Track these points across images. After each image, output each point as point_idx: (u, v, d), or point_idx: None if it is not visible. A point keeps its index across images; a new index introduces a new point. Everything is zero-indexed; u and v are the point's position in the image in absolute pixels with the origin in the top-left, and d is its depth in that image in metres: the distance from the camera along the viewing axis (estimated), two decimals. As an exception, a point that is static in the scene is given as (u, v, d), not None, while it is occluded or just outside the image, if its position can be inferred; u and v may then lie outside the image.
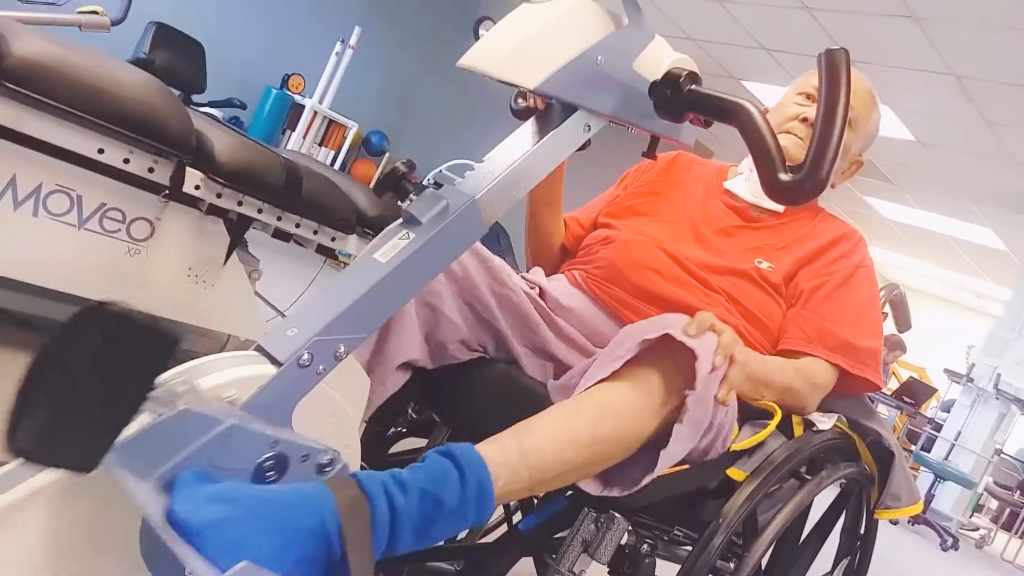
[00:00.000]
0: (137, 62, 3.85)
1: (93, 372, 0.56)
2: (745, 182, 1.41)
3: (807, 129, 1.34)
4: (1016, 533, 6.70)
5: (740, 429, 1.14)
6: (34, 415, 0.56)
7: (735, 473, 1.07)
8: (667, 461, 0.92)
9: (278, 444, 0.69)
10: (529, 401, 1.00)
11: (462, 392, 1.15)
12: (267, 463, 0.69)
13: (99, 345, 0.56)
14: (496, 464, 0.78)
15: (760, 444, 1.11)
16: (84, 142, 1.43)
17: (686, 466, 1.02)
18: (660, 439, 0.93)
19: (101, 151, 1.45)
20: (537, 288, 1.27)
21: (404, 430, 1.46)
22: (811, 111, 1.35)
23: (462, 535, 1.63)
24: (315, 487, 0.69)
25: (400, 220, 0.85)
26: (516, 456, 0.81)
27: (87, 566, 0.64)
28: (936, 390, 7.38)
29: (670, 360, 0.93)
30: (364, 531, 0.68)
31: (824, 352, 1.24)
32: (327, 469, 0.72)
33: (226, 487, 0.64)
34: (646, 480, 0.92)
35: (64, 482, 0.64)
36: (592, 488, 0.93)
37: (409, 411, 1.45)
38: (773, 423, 1.12)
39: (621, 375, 0.93)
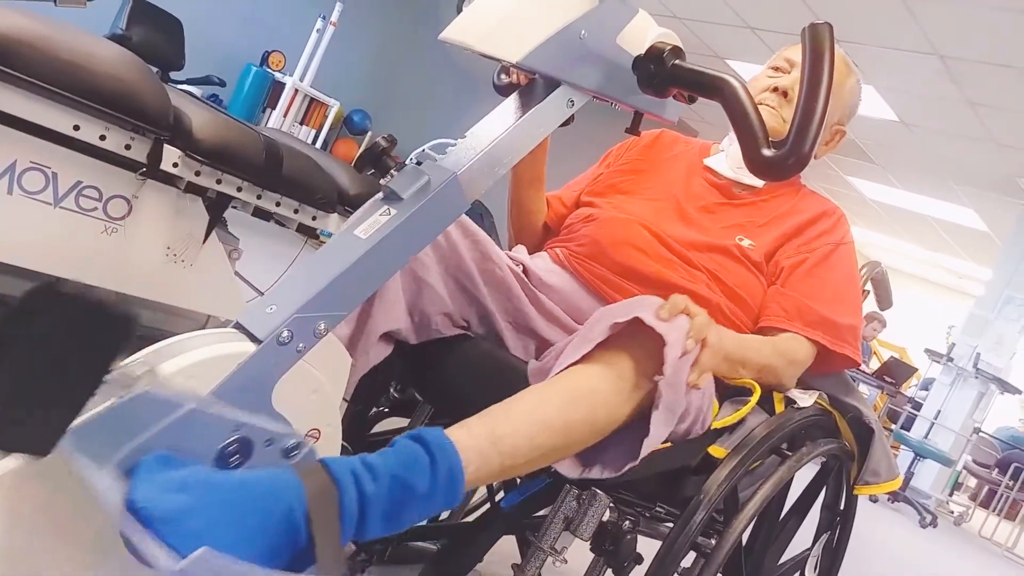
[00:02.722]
0: (114, 38, 3.79)
1: (47, 353, 0.54)
2: (725, 158, 1.41)
3: (778, 98, 1.34)
4: (994, 511, 6.80)
5: (720, 407, 1.15)
6: None
7: (716, 451, 1.08)
8: (648, 447, 0.92)
9: (241, 428, 0.68)
10: (511, 380, 1.00)
11: (445, 371, 1.14)
12: (230, 448, 0.68)
13: (52, 326, 0.54)
14: (467, 449, 0.78)
15: (740, 421, 1.11)
16: (59, 118, 1.40)
17: (668, 444, 1.02)
18: (635, 421, 0.93)
19: (77, 128, 1.42)
20: (521, 265, 1.27)
21: (386, 409, 1.45)
22: (782, 80, 1.35)
23: (444, 514, 1.63)
24: (282, 473, 0.68)
25: (381, 196, 0.84)
26: (487, 441, 0.80)
27: (46, 554, 0.62)
28: (916, 370, 7.46)
29: (640, 344, 0.92)
30: (332, 517, 0.67)
31: (802, 328, 1.24)
32: (293, 453, 0.72)
33: (188, 473, 0.63)
34: (627, 467, 0.92)
35: (21, 467, 0.62)
36: (571, 471, 0.93)
37: (391, 390, 1.44)
38: (753, 400, 1.13)
39: (593, 358, 0.92)
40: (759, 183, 1.37)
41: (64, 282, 0.54)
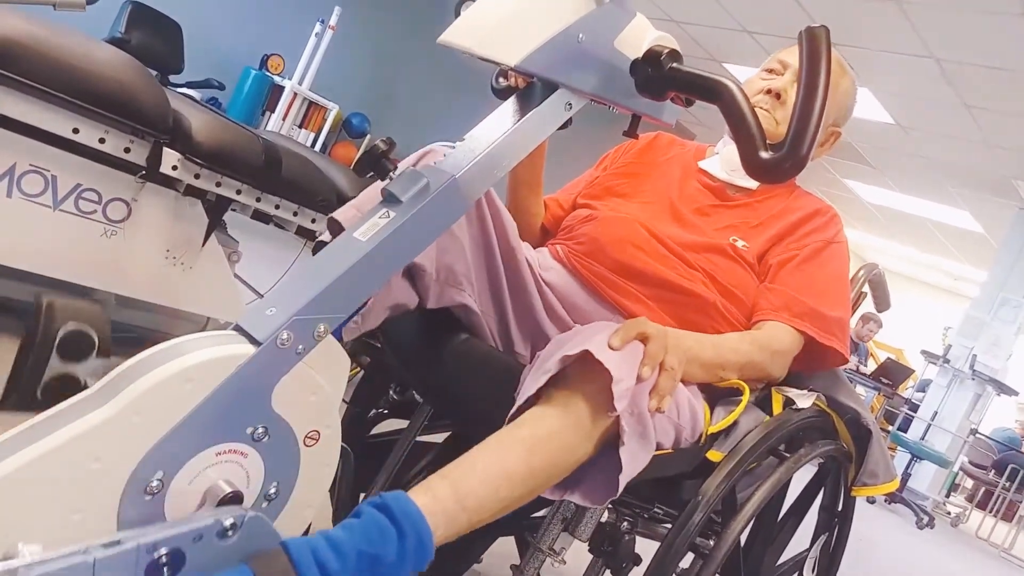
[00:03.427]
0: (113, 41, 3.79)
1: None
2: (719, 161, 1.41)
3: (771, 100, 1.35)
4: (990, 512, 6.81)
5: (712, 411, 1.15)
6: None
7: (713, 455, 1.08)
8: (625, 479, 0.90)
9: (157, 546, 0.65)
10: (509, 381, 1.00)
11: (444, 372, 1.14)
12: (159, 565, 0.65)
13: None
14: (433, 514, 0.77)
15: (734, 423, 1.11)
16: (59, 122, 1.41)
17: (665, 451, 1.02)
18: (611, 450, 0.91)
19: (76, 131, 1.43)
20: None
21: (385, 411, 1.46)
22: (775, 83, 1.36)
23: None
24: (232, 575, 0.66)
25: (380, 199, 0.84)
26: (451, 502, 0.79)
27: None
28: (913, 371, 7.48)
29: (593, 378, 0.89)
30: None
31: (789, 319, 1.24)
32: (229, 533, 0.69)
33: None
34: (607, 501, 0.91)
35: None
36: (553, 494, 0.91)
37: (391, 392, 1.45)
38: (743, 401, 1.13)
39: (551, 397, 0.90)
40: (753, 185, 1.38)
41: None
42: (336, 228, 1.06)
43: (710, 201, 1.38)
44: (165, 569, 0.65)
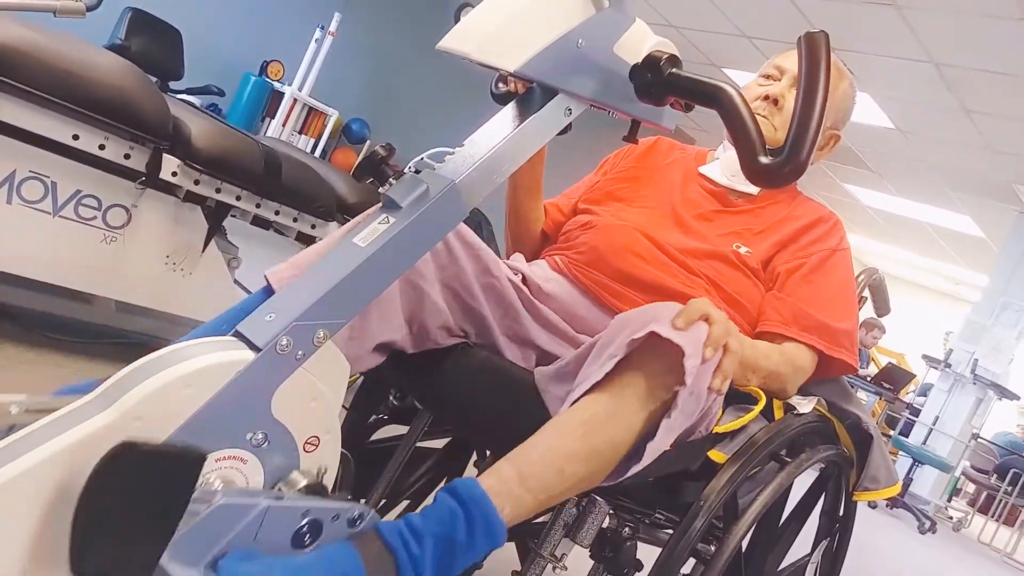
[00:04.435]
0: (113, 48, 3.80)
1: (135, 501, 0.64)
2: (719, 166, 1.41)
3: (769, 106, 1.35)
4: (992, 516, 6.80)
5: (724, 412, 1.15)
6: (91, 546, 0.63)
7: (716, 455, 1.08)
8: (654, 452, 0.92)
9: (309, 512, 0.74)
10: (510, 387, 1.00)
11: (444, 378, 1.14)
12: (303, 531, 0.74)
13: (135, 480, 0.63)
14: (498, 495, 0.82)
15: (742, 428, 1.11)
16: (59, 128, 1.41)
17: (669, 448, 1.02)
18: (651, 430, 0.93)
19: (76, 137, 1.43)
20: (520, 275, 1.27)
21: (385, 417, 1.45)
22: (772, 88, 1.37)
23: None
24: (340, 547, 0.74)
25: (380, 204, 0.84)
26: (515, 483, 0.84)
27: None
28: (915, 376, 7.46)
29: (659, 358, 0.92)
30: None
31: (799, 333, 1.24)
32: (358, 522, 0.77)
33: (262, 564, 0.69)
34: (632, 471, 0.92)
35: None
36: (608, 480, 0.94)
37: (391, 398, 1.44)
38: (757, 408, 1.13)
39: (612, 381, 0.92)
40: (755, 190, 1.38)
41: (136, 443, 0.63)
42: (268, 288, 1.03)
43: (712, 206, 1.38)
44: (307, 536, 0.74)
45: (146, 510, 0.64)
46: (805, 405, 1.22)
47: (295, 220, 1.84)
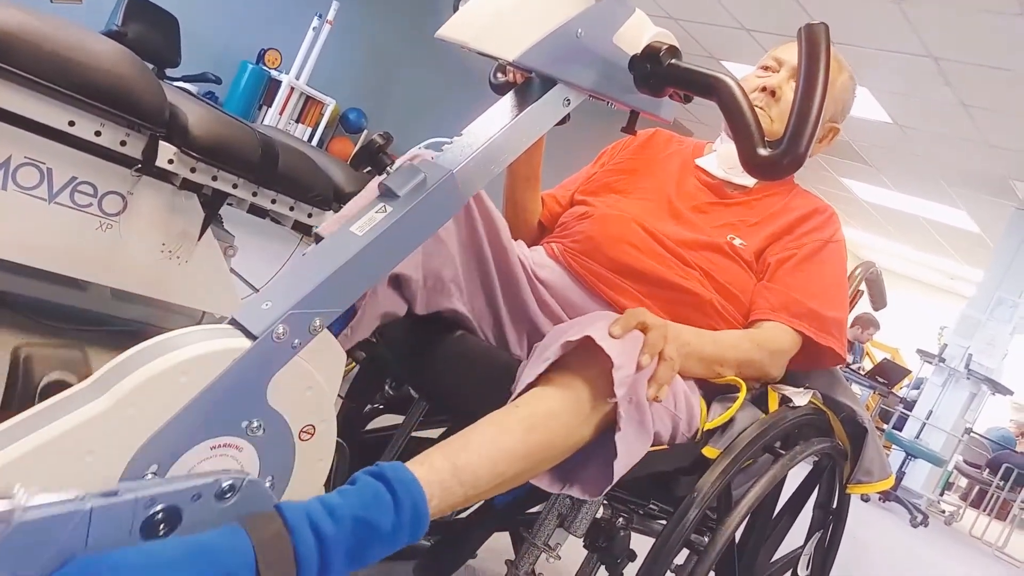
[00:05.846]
0: (110, 34, 3.78)
1: None
2: (716, 158, 1.41)
3: (766, 97, 1.35)
4: (984, 510, 6.83)
5: (710, 407, 1.15)
6: None
7: (709, 451, 1.08)
8: (621, 468, 0.90)
9: (155, 500, 0.65)
10: (505, 376, 1.00)
11: (439, 367, 1.14)
12: (155, 521, 0.64)
13: None
14: (429, 483, 0.77)
15: (731, 420, 1.11)
16: (54, 114, 1.40)
17: (662, 447, 1.02)
18: (609, 439, 0.92)
19: (72, 123, 1.42)
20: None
21: (381, 406, 1.46)
22: (770, 80, 1.36)
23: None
24: (225, 532, 0.65)
25: (377, 193, 0.84)
26: (448, 474, 0.80)
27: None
28: (910, 372, 7.48)
29: (593, 364, 0.90)
30: (287, 567, 0.66)
31: (788, 319, 1.24)
32: (227, 495, 0.69)
33: (110, 558, 0.60)
34: (604, 491, 0.91)
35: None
36: (550, 487, 0.92)
37: (386, 387, 1.45)
38: (740, 398, 1.13)
39: (550, 380, 0.91)
40: (751, 182, 1.38)
41: None
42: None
43: (708, 199, 1.38)
44: (161, 526, 0.64)
45: None
46: (800, 398, 1.23)
47: (292, 209, 1.84)
